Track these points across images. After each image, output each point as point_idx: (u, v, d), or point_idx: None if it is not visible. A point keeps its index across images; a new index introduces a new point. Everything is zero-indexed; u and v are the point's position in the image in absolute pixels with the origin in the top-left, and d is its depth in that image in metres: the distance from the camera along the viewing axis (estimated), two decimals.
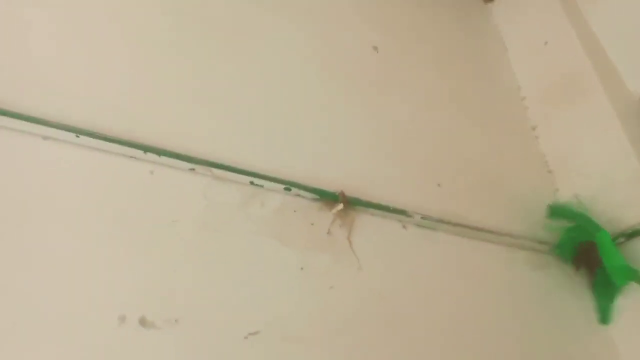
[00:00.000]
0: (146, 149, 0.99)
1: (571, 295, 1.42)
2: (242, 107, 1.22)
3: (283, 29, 1.46)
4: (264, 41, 1.39)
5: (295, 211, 1.13)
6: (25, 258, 0.83)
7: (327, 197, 1.17)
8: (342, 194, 1.18)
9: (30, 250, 0.84)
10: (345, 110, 1.40)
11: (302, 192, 1.15)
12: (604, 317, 1.38)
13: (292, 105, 1.30)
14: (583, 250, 1.43)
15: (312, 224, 1.14)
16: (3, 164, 0.89)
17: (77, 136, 0.94)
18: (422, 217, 1.27)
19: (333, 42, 1.54)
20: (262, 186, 1.11)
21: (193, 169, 1.04)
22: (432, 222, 1.29)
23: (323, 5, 1.61)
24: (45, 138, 0.93)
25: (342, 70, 1.49)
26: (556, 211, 1.53)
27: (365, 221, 1.21)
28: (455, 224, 1.32)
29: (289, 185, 1.13)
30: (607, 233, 1.36)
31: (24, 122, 0.90)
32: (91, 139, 0.95)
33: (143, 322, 0.86)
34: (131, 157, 0.99)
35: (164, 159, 1.01)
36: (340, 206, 1.16)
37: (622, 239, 1.41)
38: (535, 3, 2.11)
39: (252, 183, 1.10)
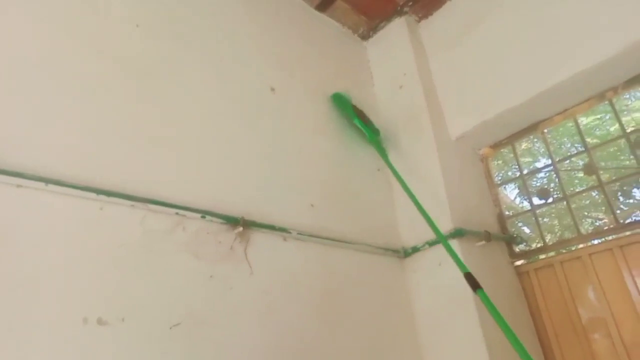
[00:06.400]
0: (98, 191, 1.32)
1: (399, 284, 2.08)
2: (170, 151, 1.57)
3: (201, 80, 1.80)
4: (185, 88, 1.72)
5: (208, 233, 1.55)
6: (11, 276, 1.14)
7: (232, 222, 1.60)
8: (243, 219, 1.62)
9: (16, 270, 1.15)
10: (247, 147, 1.82)
11: (214, 219, 1.56)
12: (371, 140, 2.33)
13: (207, 146, 1.68)
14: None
15: (219, 242, 1.56)
16: None
17: (46, 184, 1.23)
18: (298, 233, 1.78)
19: (238, 87, 1.92)
20: (185, 215, 1.50)
21: (133, 205, 1.39)
22: (306, 236, 1.80)
23: (228, 48, 1.97)
24: (18, 186, 1.21)
25: (243, 112, 1.89)
26: (335, 99, 2.36)
27: (258, 237, 1.67)
28: (324, 237, 1.85)
29: (204, 213, 1.54)
30: (358, 119, 2.33)
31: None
32: (58, 186, 1.25)
33: (100, 321, 1.23)
34: (85, 198, 1.31)
35: (111, 198, 1.35)
36: (240, 228, 1.60)
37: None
38: (396, 47, 2.66)
39: (177, 213, 1.48)
